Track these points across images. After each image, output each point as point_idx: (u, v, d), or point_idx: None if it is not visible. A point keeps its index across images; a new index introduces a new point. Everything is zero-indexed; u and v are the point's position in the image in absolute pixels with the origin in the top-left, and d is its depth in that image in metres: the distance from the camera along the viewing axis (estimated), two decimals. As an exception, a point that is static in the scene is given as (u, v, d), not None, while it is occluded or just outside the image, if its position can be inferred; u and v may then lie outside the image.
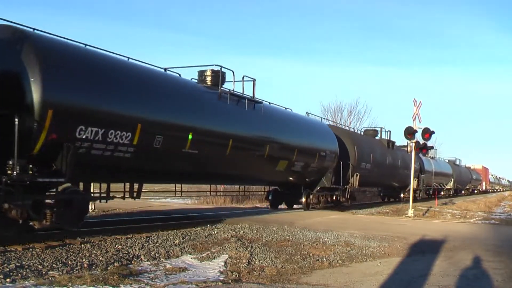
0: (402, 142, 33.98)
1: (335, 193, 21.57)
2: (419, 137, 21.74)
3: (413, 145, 21.38)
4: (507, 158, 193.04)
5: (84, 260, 8.09)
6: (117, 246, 9.42)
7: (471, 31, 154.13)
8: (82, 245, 9.26)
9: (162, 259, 8.84)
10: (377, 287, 7.37)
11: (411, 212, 19.97)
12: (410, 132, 20.94)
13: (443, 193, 41.77)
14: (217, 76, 13.99)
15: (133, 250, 9.21)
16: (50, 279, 6.84)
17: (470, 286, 7.58)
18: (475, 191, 62.32)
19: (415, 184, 30.64)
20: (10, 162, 8.60)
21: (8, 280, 6.63)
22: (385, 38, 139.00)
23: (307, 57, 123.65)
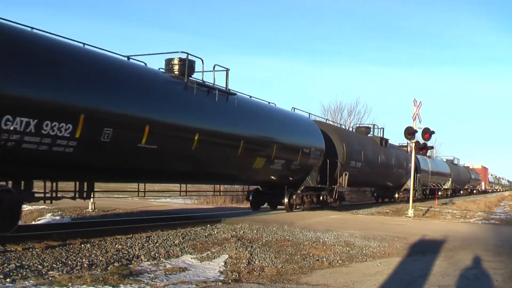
0: (398, 141, 34.16)
1: (322, 193, 20.19)
2: (419, 137, 21.76)
3: (413, 145, 21.38)
4: (507, 158, 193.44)
5: (84, 260, 8.09)
6: (117, 246, 9.41)
7: (471, 31, 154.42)
8: (82, 245, 9.25)
9: (162, 259, 8.85)
10: (377, 287, 7.37)
11: (411, 212, 19.96)
12: (410, 132, 20.92)
13: (440, 193, 40.64)
14: (184, 64, 12.92)
15: (133, 250, 9.21)
16: (50, 279, 6.84)
17: (470, 286, 7.58)
18: (474, 191, 61.41)
19: (410, 183, 30.16)
20: None
21: (8, 280, 6.63)
22: (385, 38, 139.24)
23: (307, 57, 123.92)
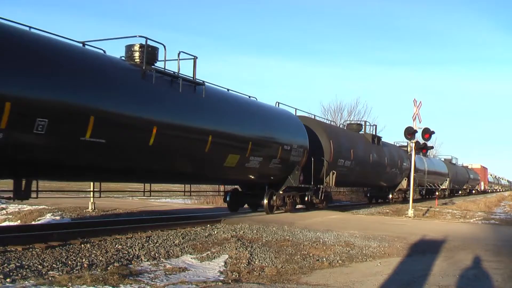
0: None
1: (306, 194, 18.83)
2: (419, 137, 21.77)
3: (413, 145, 21.40)
4: (507, 158, 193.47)
5: (84, 260, 8.09)
6: (117, 246, 9.41)
7: (471, 31, 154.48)
8: (82, 245, 9.24)
9: (162, 259, 8.85)
10: (377, 287, 7.37)
11: (411, 212, 19.97)
12: (410, 132, 20.93)
13: (437, 193, 39.42)
14: (143, 51, 11.85)
15: (133, 250, 9.21)
16: (50, 279, 6.84)
17: (470, 286, 7.57)
18: (473, 191, 60.65)
19: (405, 184, 29.32)
20: None
21: (8, 280, 6.63)
22: (385, 38, 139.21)
23: (307, 57, 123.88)
